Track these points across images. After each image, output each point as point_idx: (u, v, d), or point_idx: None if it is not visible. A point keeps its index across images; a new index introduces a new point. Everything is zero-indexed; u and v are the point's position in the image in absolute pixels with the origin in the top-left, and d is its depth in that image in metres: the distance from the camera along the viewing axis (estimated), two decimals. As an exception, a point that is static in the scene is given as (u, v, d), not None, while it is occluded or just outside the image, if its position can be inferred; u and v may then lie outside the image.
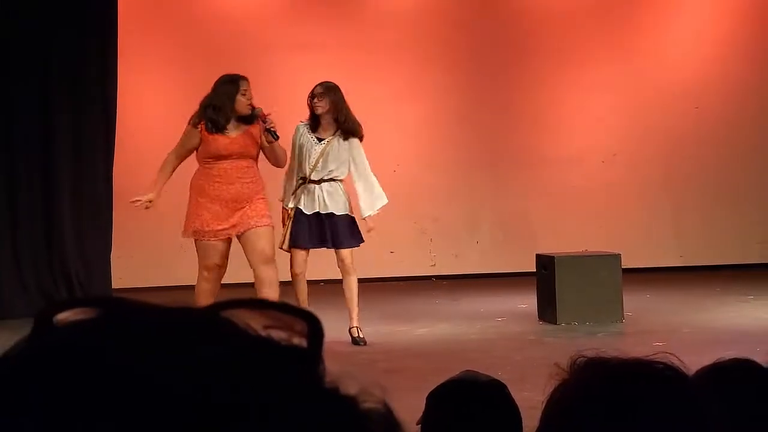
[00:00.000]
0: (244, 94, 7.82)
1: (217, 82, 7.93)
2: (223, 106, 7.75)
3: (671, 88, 11.92)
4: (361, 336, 8.18)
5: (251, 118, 7.85)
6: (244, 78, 7.90)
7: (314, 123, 8.26)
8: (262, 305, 0.73)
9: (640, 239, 11.75)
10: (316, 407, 0.67)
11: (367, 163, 8.32)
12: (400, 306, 10.01)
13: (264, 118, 7.81)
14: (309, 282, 11.20)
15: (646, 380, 1.17)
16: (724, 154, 12.04)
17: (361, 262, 11.68)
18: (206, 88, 7.96)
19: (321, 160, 8.17)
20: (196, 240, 7.89)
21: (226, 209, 7.79)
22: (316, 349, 0.70)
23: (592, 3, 11.93)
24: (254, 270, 7.84)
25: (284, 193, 8.31)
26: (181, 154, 7.96)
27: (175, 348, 0.66)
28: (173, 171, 7.94)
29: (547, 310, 8.86)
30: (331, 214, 8.18)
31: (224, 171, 7.80)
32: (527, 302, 9.41)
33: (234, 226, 7.81)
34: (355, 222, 8.32)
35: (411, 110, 11.88)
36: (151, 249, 11.44)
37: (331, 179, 8.20)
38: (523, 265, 10.49)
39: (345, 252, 8.37)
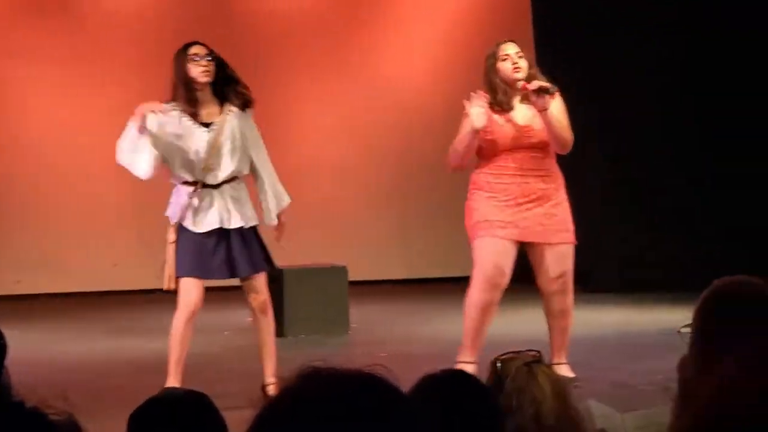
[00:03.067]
0: (504, 60, 6.55)
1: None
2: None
3: (396, 106, 12.20)
4: None
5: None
6: (505, 41, 6.61)
7: (190, 102, 6.16)
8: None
9: (366, 252, 11.96)
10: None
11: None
12: (128, 320, 9.83)
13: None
14: (124, 293, 10.96)
15: (358, 391, 1.19)
16: (446, 171, 12.40)
17: (82, 274, 11.48)
18: None
19: (214, 153, 6.20)
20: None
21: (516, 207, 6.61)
22: None
23: (323, 21, 12.08)
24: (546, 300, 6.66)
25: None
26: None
27: None
28: None
29: (275, 323, 8.89)
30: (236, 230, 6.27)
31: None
32: (255, 315, 9.42)
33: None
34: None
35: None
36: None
37: (234, 178, 6.35)
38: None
39: (262, 280, 6.47)
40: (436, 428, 1.72)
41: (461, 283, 11.80)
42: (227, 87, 6.23)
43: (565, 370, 6.51)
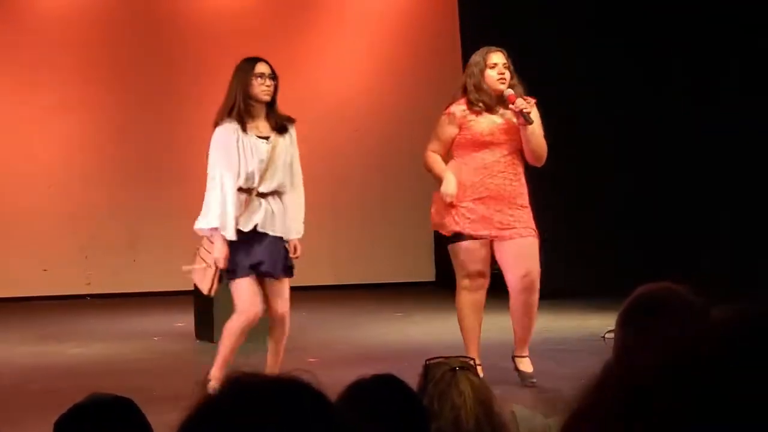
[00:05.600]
0: (492, 68, 6.76)
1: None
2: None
3: (332, 113, 12.21)
4: None
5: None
6: (495, 50, 6.82)
7: (242, 116, 6.41)
8: None
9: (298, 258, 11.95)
10: None
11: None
12: (54, 325, 9.75)
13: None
14: (53, 298, 10.84)
15: (282, 397, 1.20)
16: (379, 177, 12.45)
17: (12, 279, 11.36)
18: None
19: (270, 166, 6.47)
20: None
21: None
22: None
23: (255, 24, 12.07)
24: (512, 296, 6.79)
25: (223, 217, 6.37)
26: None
27: None
28: None
29: (205, 329, 8.88)
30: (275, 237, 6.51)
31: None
32: (185, 321, 9.39)
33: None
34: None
35: (70, 126, 11.63)
36: None
37: (276, 192, 6.56)
38: (183, 284, 10.44)
39: (287, 287, 6.60)
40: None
41: (389, 289, 11.89)
42: (274, 106, 6.58)
43: (526, 364, 6.80)
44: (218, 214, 6.37)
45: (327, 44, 12.28)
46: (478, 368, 6.66)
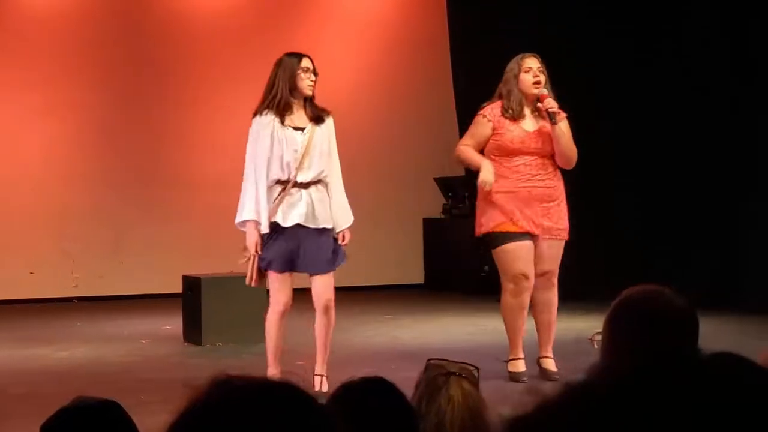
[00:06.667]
0: (527, 72, 6.92)
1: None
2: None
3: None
4: (324, 390, 6.46)
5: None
6: (529, 55, 6.96)
7: (281, 109, 6.61)
8: None
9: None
10: None
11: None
12: (40, 328, 9.72)
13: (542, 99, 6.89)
14: (40, 301, 10.80)
15: (269, 399, 1.20)
16: (367, 179, 12.46)
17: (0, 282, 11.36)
18: None
19: (306, 155, 6.61)
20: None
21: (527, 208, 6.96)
22: None
23: (240, 29, 12.07)
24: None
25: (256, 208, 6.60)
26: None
27: None
28: None
29: (193, 332, 8.87)
30: (319, 230, 6.67)
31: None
32: (173, 324, 9.38)
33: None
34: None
35: (54, 127, 11.61)
36: None
37: (319, 181, 6.69)
38: (170, 287, 10.45)
39: (329, 279, 6.90)
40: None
41: (377, 291, 11.87)
42: (313, 100, 6.75)
43: (550, 364, 6.99)
44: (253, 207, 6.58)
45: (315, 46, 12.28)
46: (521, 362, 6.90)
